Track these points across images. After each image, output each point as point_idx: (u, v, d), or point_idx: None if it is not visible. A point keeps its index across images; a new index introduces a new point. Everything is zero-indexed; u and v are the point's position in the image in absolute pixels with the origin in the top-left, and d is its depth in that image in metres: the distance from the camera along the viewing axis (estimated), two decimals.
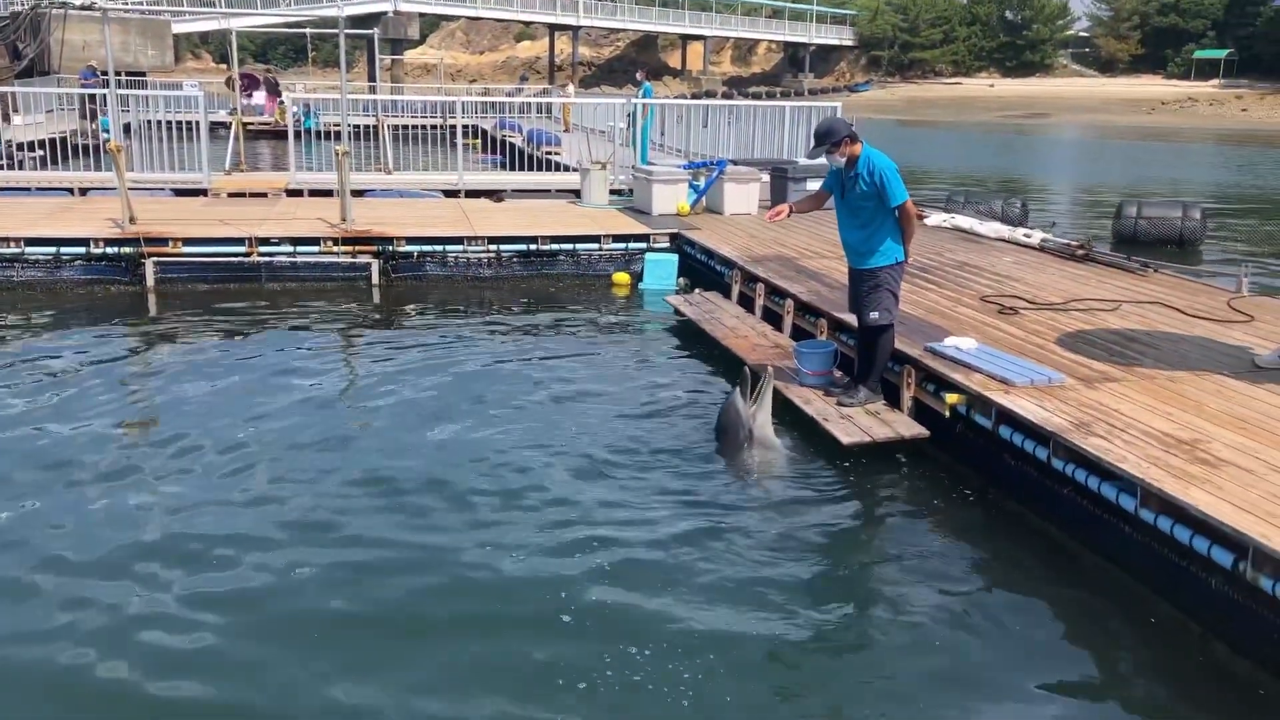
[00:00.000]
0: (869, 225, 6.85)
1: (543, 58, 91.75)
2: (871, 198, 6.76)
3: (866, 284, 6.91)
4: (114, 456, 6.59)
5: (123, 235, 11.36)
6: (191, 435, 6.94)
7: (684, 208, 13.82)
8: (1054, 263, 10.67)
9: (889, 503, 6.26)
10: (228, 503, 5.91)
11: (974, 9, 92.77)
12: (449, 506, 5.92)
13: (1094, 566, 5.33)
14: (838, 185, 7.00)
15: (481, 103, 23.82)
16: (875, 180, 6.69)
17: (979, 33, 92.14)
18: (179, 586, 4.97)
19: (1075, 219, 20.07)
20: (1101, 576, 5.24)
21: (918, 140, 47.94)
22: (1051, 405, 5.96)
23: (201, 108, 15.47)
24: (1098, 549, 5.38)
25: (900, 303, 7.12)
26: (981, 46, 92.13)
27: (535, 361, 8.95)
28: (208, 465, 6.45)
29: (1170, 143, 48.48)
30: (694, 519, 5.80)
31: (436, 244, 12.01)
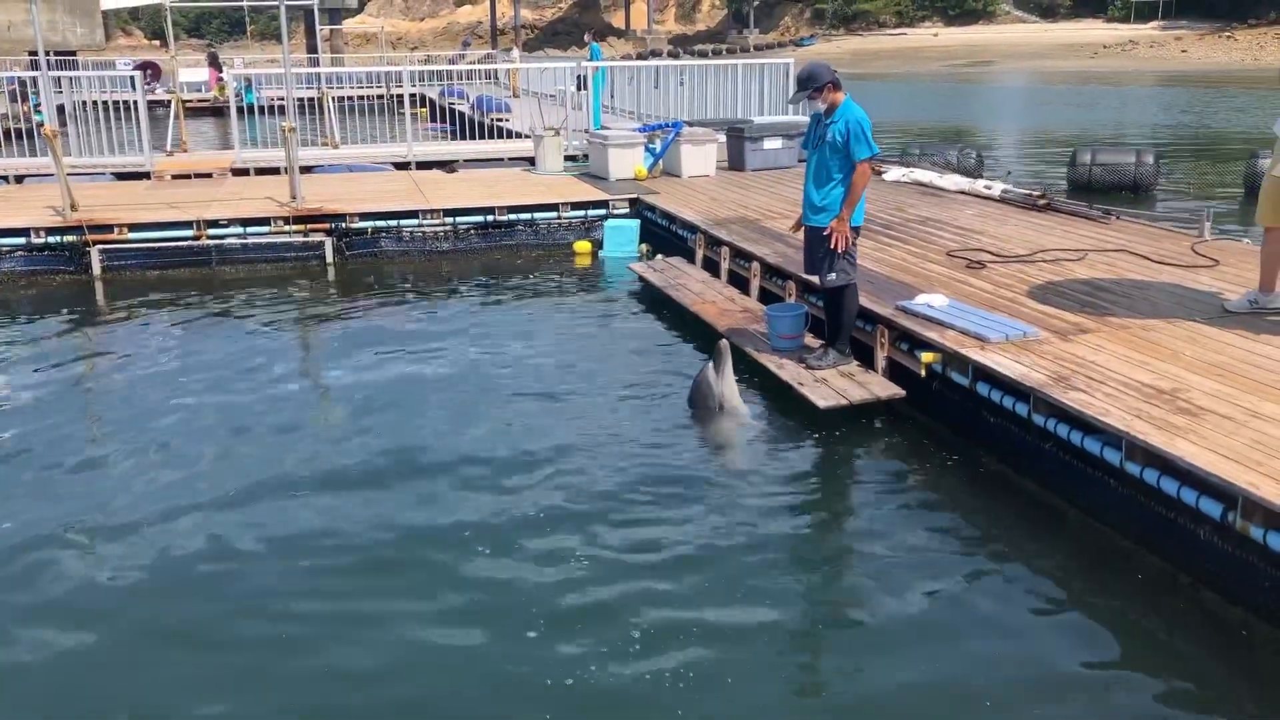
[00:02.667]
0: (833, 180, 6.72)
1: (484, 22, 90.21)
2: (841, 150, 6.63)
3: (823, 245, 6.80)
4: (64, 450, 6.36)
5: (64, 223, 10.99)
6: (145, 427, 6.73)
7: (641, 172, 13.64)
8: (1016, 214, 10.65)
9: (868, 466, 6.21)
10: (179, 495, 5.71)
11: None
12: (411, 490, 5.77)
13: (1079, 522, 5.31)
14: (812, 135, 6.87)
15: (427, 71, 23.35)
16: (848, 129, 6.56)
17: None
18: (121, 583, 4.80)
19: (1028, 167, 20.11)
20: (1088, 532, 5.22)
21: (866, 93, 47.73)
22: (1028, 360, 5.91)
23: (138, 86, 14.96)
24: (1083, 505, 5.36)
25: (865, 260, 7.02)
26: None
27: (497, 336, 8.78)
28: (161, 458, 6.25)
29: (1114, 86, 48.82)
30: (669, 493, 5.70)
31: (390, 219, 11.76)
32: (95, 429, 6.94)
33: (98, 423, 7.07)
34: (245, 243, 11.31)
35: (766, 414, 6.86)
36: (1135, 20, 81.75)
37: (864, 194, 6.73)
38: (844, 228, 6.69)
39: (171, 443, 6.50)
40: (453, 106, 23.16)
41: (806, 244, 7.08)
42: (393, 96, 21.92)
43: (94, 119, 15.04)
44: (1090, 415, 5.12)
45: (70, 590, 4.81)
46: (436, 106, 26.02)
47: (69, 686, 4.15)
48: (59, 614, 4.62)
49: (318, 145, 17.53)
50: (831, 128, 6.65)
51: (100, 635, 4.47)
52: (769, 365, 7.17)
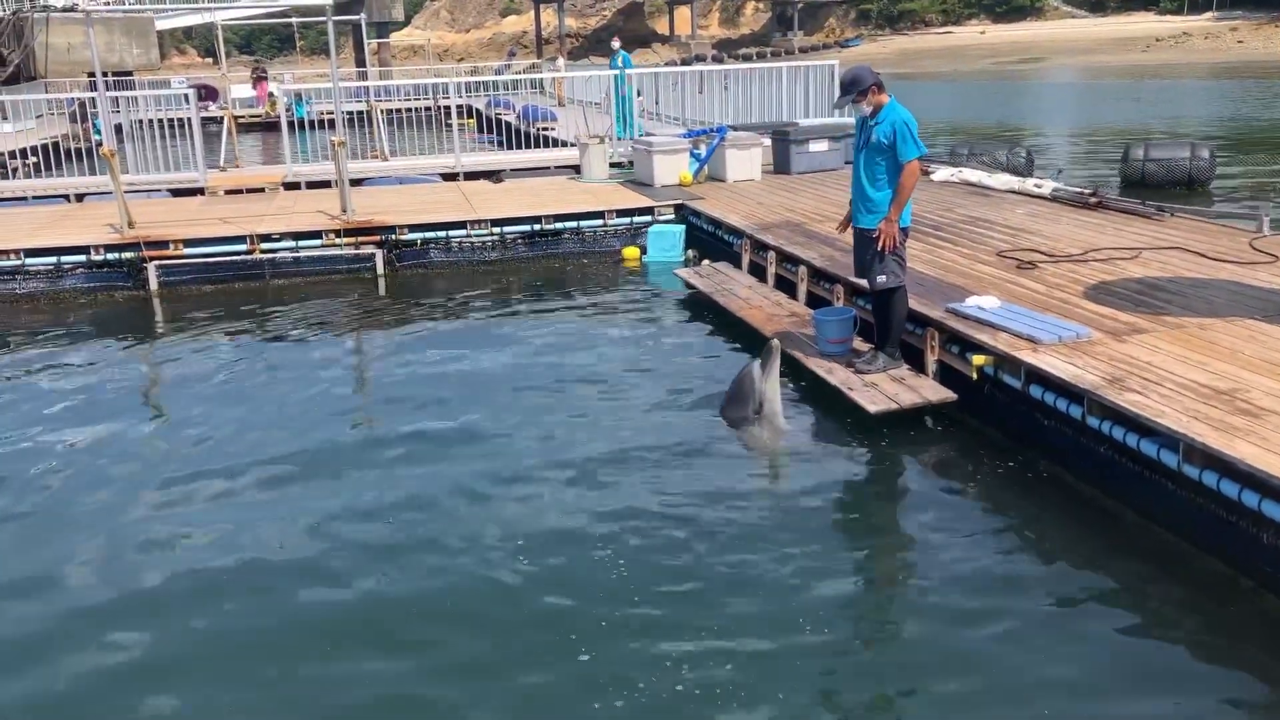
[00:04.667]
0: (880, 180, 6.69)
1: (529, 31, 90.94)
2: (888, 151, 6.60)
3: (872, 246, 6.76)
4: (131, 466, 6.50)
5: (123, 240, 11.23)
6: (209, 440, 6.86)
7: (686, 177, 13.63)
8: (1067, 212, 10.50)
9: (921, 471, 6.15)
10: (248, 506, 5.82)
11: None
12: (466, 498, 5.83)
13: (1137, 525, 5.22)
14: (857, 136, 6.86)
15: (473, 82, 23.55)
16: (895, 130, 6.52)
17: None
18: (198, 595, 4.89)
19: (1080, 164, 19.82)
20: (1146, 535, 5.13)
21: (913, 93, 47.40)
22: (1082, 362, 5.83)
23: (193, 105, 15.25)
24: (1140, 507, 5.26)
25: (915, 262, 6.96)
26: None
27: (546, 345, 8.83)
28: (226, 470, 6.35)
29: (1167, 79, 48.00)
30: (718, 501, 5.68)
31: (439, 230, 11.87)
32: (158, 442, 7.06)
33: (158, 436, 7.20)
34: (298, 256, 11.47)
35: (816, 419, 6.83)
36: (1188, 12, 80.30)
37: (911, 195, 6.69)
38: (892, 228, 6.64)
39: (231, 449, 6.61)
40: (499, 117, 23.34)
41: (855, 246, 7.04)
42: (440, 108, 22.12)
43: (150, 137, 15.36)
44: (1146, 417, 5.03)
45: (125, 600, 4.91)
46: (483, 117, 26.22)
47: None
48: (136, 614, 4.72)
49: (367, 158, 17.75)
50: (877, 129, 6.61)
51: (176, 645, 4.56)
52: (817, 370, 7.13)
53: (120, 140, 15.68)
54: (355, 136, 18.76)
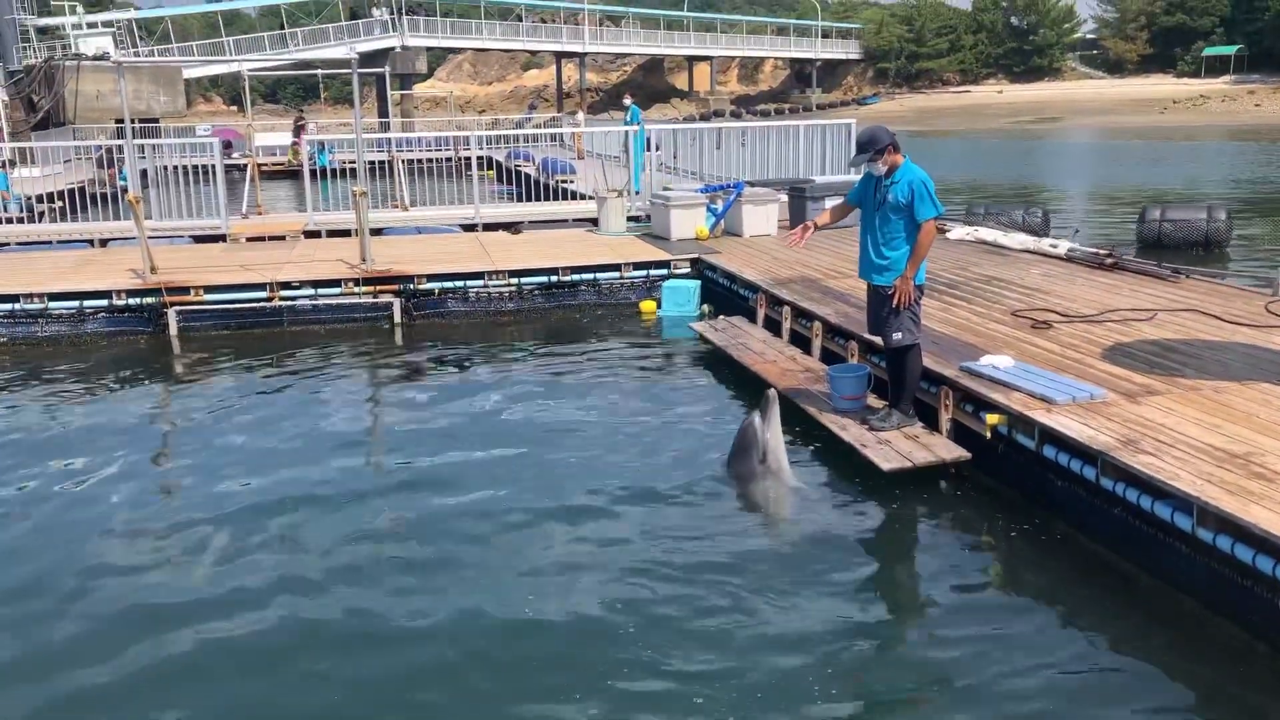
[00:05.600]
0: (894, 239, 6.76)
1: (550, 85, 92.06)
2: (903, 210, 6.67)
3: (887, 303, 6.81)
4: (148, 511, 6.55)
5: (144, 285, 11.39)
6: (224, 485, 6.90)
7: (703, 232, 13.76)
8: (1083, 273, 10.55)
9: (933, 530, 6.14)
10: (259, 551, 5.85)
11: (980, 16, 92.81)
12: (476, 547, 5.86)
13: (1151, 588, 5.19)
14: (870, 195, 6.90)
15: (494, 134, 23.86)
16: (913, 190, 6.60)
17: (985, 40, 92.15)
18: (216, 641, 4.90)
19: (1096, 225, 19.89)
20: (1160, 598, 5.11)
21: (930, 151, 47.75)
22: (1096, 422, 5.84)
23: (216, 152, 15.52)
24: (1154, 570, 5.24)
25: (930, 320, 7.01)
26: (988, 53, 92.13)
27: (559, 396, 8.88)
28: (241, 516, 6.39)
29: (1185, 142, 48.21)
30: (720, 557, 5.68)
31: (457, 280, 11.99)
32: (173, 483, 7.12)
33: (174, 481, 7.25)
34: (316, 303, 11.60)
35: (828, 476, 6.84)
36: (1206, 75, 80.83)
37: (927, 254, 6.75)
38: (908, 286, 6.70)
39: (242, 493, 6.66)
40: (519, 168, 23.62)
41: (869, 304, 7.09)
42: (460, 159, 22.43)
43: (174, 183, 15.61)
44: (1160, 479, 5.03)
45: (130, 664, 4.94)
46: (503, 169, 26.55)
47: None
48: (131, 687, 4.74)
49: (388, 207, 17.97)
50: (893, 189, 6.69)
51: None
52: (831, 426, 7.15)
53: (145, 186, 15.94)
54: (376, 185, 19.03)
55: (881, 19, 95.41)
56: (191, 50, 52.49)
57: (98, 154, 21.39)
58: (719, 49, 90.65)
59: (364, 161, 13.01)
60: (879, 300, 6.91)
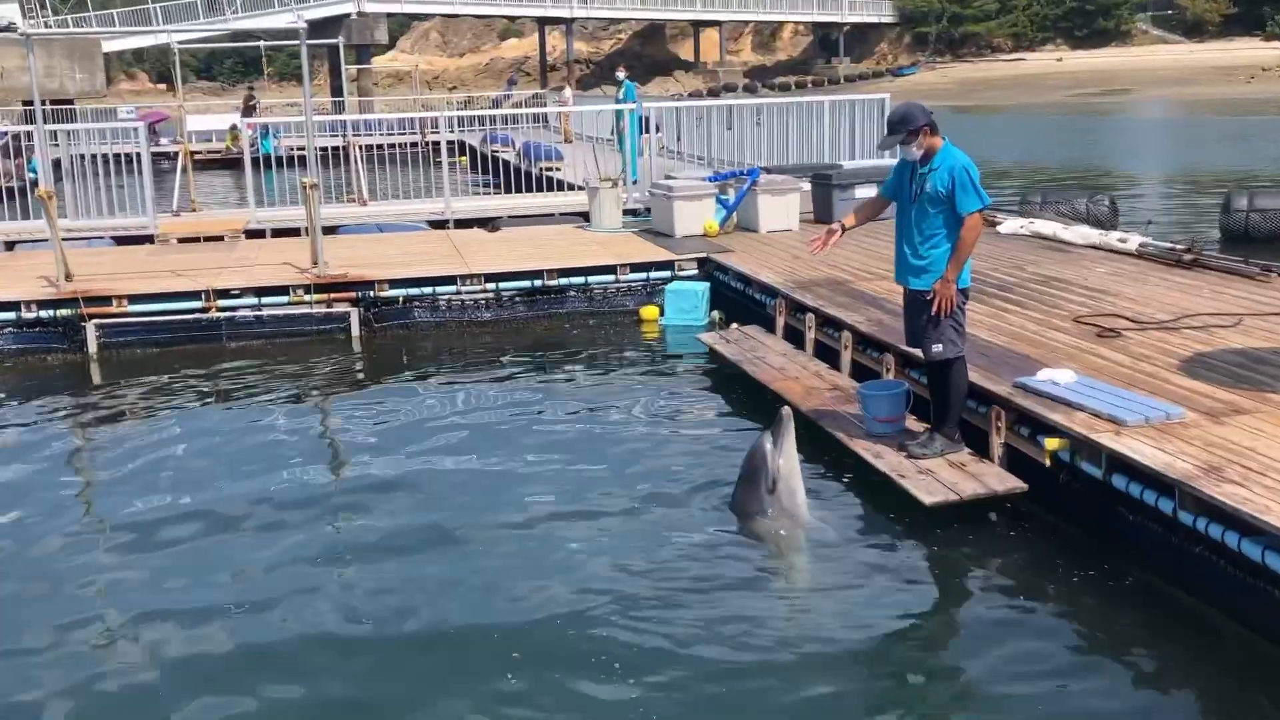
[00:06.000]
0: (934, 236, 6.79)
1: (532, 57, 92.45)
2: (943, 202, 6.69)
3: (926, 310, 6.85)
4: (61, 554, 6.58)
5: (58, 295, 11.43)
6: (149, 526, 6.92)
7: (712, 227, 13.81)
8: (1157, 271, 10.60)
9: (983, 574, 6.16)
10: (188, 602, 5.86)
11: None
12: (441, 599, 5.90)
13: (1239, 639, 5.22)
14: (905, 185, 6.93)
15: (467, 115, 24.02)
16: (954, 179, 6.63)
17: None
18: None
19: (1175, 215, 19.99)
20: (1249, 650, 5.13)
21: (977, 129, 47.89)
22: (1173, 447, 5.86)
23: (142, 138, 15.61)
24: (1244, 619, 5.26)
25: (978, 328, 7.05)
26: (1045, 15, 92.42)
27: (543, 421, 8.91)
28: (168, 559, 6.43)
29: (1277, 116, 48.38)
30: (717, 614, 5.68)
31: (425, 285, 12.04)
32: (84, 530, 7.14)
33: (87, 524, 7.28)
34: (260, 315, 11.64)
35: (861, 512, 6.86)
36: None
37: (972, 252, 6.79)
38: (950, 289, 6.73)
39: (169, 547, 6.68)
40: (496, 155, 23.75)
41: (906, 311, 7.13)
42: (428, 144, 22.56)
43: (93, 175, 15.68)
44: (1248, 512, 5.05)
45: None
46: (478, 155, 26.68)
47: None
48: None
49: (343, 202, 18.05)
50: (931, 176, 6.72)
51: None
52: (864, 454, 7.17)
53: (59, 179, 15.99)
54: (330, 176, 19.12)
55: None
56: (112, 20, 52.76)
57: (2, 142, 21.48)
58: (729, 12, 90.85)
59: (315, 149, 13.08)
60: (917, 306, 6.94)
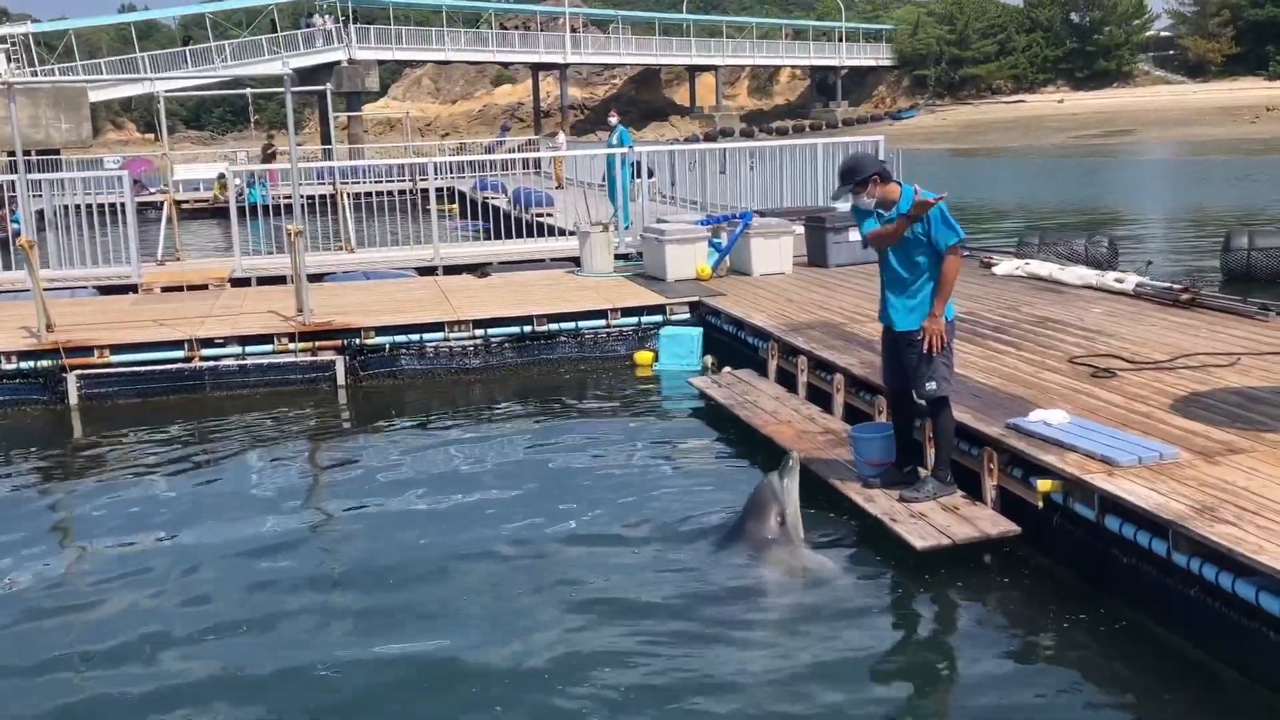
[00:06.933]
0: (919, 277, 6.89)
1: (526, 103, 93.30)
2: (924, 243, 6.80)
3: (914, 349, 6.91)
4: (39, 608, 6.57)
5: (39, 346, 11.47)
6: (129, 584, 6.92)
7: (704, 270, 13.91)
8: (1154, 311, 10.67)
9: (976, 617, 6.17)
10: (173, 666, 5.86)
11: (1034, 13, 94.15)
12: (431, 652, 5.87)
13: (1236, 684, 5.22)
14: None
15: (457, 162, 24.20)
16: (928, 218, 6.73)
17: (1041, 40, 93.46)
18: None
19: (1175, 255, 20.10)
20: (1247, 695, 5.13)
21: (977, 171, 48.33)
22: (1167, 487, 5.89)
23: (127, 188, 15.72)
24: (1239, 663, 5.26)
25: (970, 369, 7.12)
26: (1045, 56, 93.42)
27: (534, 470, 8.92)
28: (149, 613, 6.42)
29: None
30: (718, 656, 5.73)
31: (412, 333, 12.09)
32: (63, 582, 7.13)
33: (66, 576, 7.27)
34: (244, 364, 11.69)
35: (852, 557, 6.87)
36: None
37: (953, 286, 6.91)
38: (938, 325, 6.80)
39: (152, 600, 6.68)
40: (488, 201, 23.90)
41: (888, 350, 7.21)
42: (418, 191, 22.72)
43: (76, 225, 15.78)
44: (1242, 553, 5.07)
45: None
46: (469, 201, 26.85)
47: None
48: None
49: (331, 249, 18.16)
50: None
51: None
52: (855, 498, 7.19)
53: (42, 229, 16.11)
54: (317, 224, 19.25)
55: (917, 18, 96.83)
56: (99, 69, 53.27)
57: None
58: (725, 57, 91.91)
59: (301, 197, 13.19)
60: (906, 346, 6.99)
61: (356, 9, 66.34)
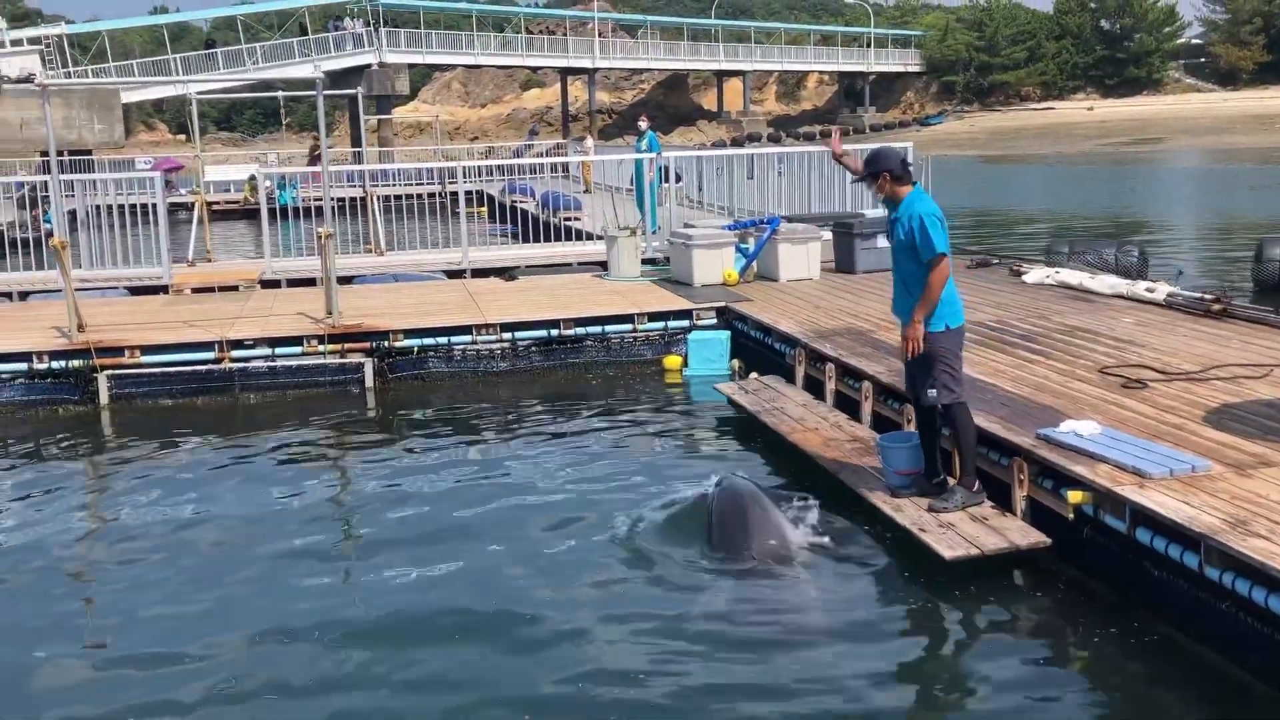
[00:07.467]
0: (910, 280, 6.96)
1: (554, 107, 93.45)
2: (910, 250, 6.86)
3: (917, 359, 6.96)
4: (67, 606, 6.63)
5: (70, 347, 11.55)
6: (161, 583, 6.97)
7: (731, 276, 13.90)
8: (1185, 321, 10.59)
9: (1005, 630, 6.13)
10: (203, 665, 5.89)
11: (1063, 20, 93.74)
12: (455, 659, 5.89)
13: (1268, 699, 5.16)
14: (890, 230, 7.17)
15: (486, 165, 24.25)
16: (913, 227, 6.78)
17: (1071, 47, 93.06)
18: None
19: (1206, 265, 19.97)
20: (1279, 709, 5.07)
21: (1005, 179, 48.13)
22: (1199, 500, 5.84)
23: (159, 189, 15.82)
24: (1271, 676, 5.20)
25: (1000, 379, 7.08)
26: (1075, 63, 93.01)
27: (559, 475, 8.91)
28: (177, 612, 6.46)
29: None
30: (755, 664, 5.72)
31: (440, 335, 12.14)
32: (92, 588, 7.20)
33: (94, 575, 7.33)
34: (273, 365, 11.75)
35: (879, 567, 6.84)
36: None
37: (957, 293, 6.96)
38: (914, 332, 6.85)
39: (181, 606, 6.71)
40: (516, 204, 23.95)
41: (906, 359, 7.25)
42: (447, 194, 22.78)
43: (108, 225, 15.89)
44: (1275, 568, 5.02)
45: None
46: (497, 204, 26.91)
47: None
48: None
49: (360, 252, 18.23)
50: (898, 225, 6.94)
51: None
52: (883, 507, 7.16)
53: (74, 229, 16.24)
54: (347, 226, 19.34)
55: (946, 25, 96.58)
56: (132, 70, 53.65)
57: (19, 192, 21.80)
58: (753, 62, 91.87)
59: (332, 199, 13.24)
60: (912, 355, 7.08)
61: (386, 13, 66.58)
